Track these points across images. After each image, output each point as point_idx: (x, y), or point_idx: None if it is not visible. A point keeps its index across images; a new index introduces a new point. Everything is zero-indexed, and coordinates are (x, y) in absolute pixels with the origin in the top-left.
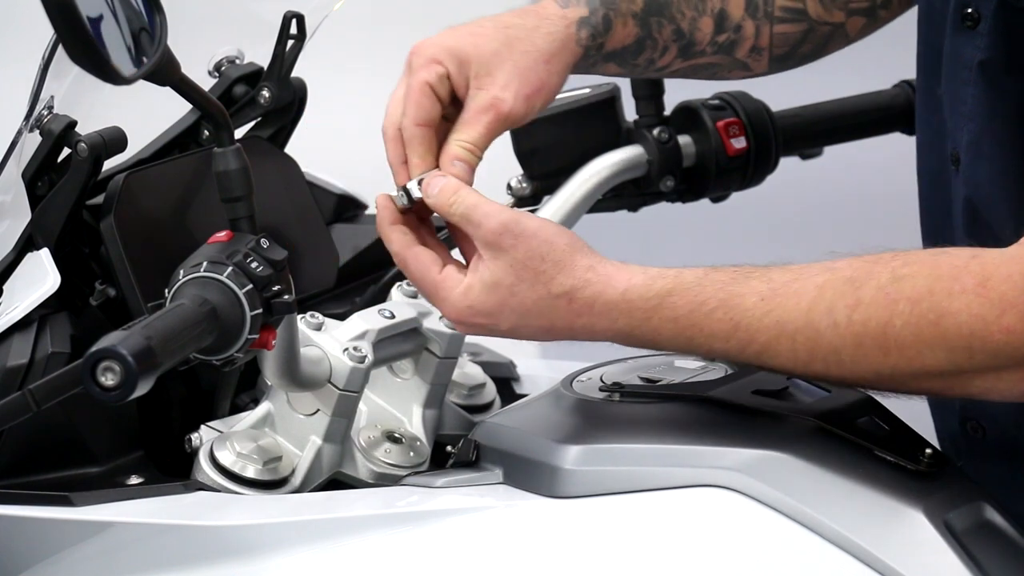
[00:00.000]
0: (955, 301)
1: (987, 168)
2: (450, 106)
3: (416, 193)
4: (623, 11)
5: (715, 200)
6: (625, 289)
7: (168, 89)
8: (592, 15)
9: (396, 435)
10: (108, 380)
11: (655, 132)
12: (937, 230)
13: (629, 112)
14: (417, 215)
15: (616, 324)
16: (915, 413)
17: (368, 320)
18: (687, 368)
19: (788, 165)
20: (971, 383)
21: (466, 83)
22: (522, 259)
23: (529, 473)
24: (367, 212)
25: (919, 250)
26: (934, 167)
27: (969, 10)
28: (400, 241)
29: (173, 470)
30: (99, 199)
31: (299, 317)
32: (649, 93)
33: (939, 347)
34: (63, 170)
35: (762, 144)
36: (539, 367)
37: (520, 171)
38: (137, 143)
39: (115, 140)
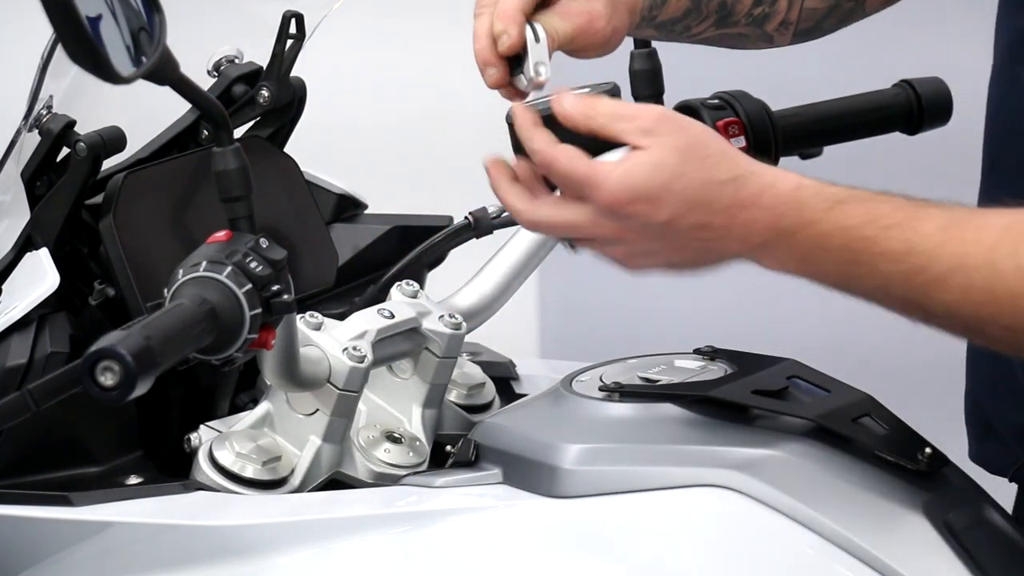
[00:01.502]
0: None
1: None
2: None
3: (542, 75)
4: None
5: None
6: (797, 186)
7: (167, 88)
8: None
9: (395, 435)
10: (107, 380)
11: None
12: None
13: None
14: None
15: (781, 221)
16: (914, 413)
17: (367, 320)
18: (687, 368)
19: (787, 165)
20: None
21: None
22: (687, 143)
23: (528, 473)
24: (367, 212)
25: None
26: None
27: None
28: (545, 139)
29: (172, 470)
30: (98, 199)
31: (298, 317)
32: (649, 92)
33: None
34: (62, 170)
35: (761, 144)
36: (538, 367)
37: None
38: (136, 143)
39: (114, 139)
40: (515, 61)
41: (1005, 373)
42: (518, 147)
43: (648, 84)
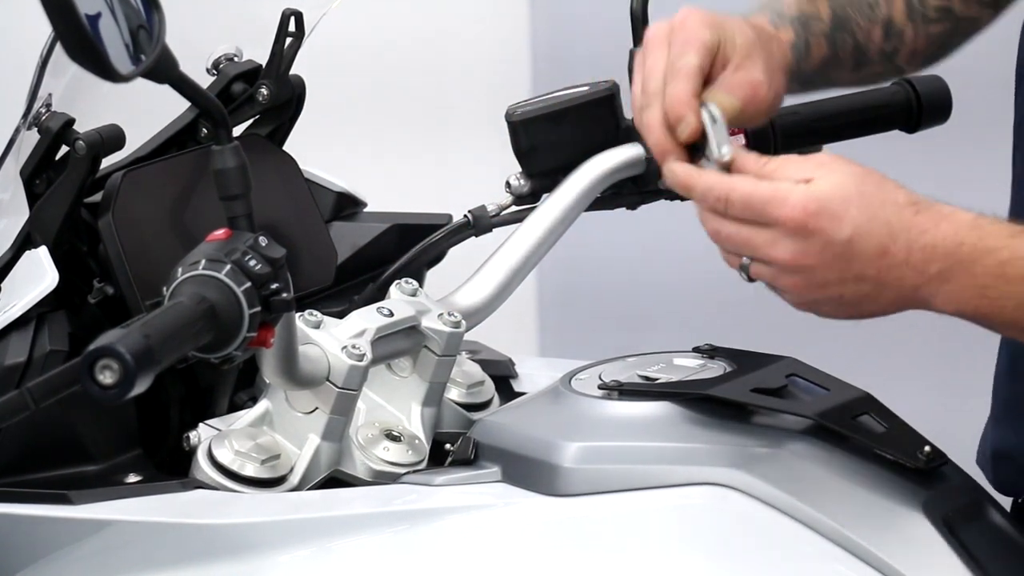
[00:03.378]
0: None
1: None
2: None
3: (727, 155)
4: (816, 32)
5: None
6: (977, 216)
7: (166, 87)
8: (797, 39)
9: (395, 433)
10: (106, 378)
11: None
12: None
13: (627, 110)
14: None
15: (962, 249)
16: (914, 411)
17: (367, 318)
18: (686, 366)
19: None
20: None
21: (724, 62)
22: (862, 170)
23: (528, 471)
24: (366, 210)
25: None
26: None
27: None
28: (713, 175)
29: (171, 468)
30: (97, 197)
31: (297, 315)
32: None
33: None
34: (61, 168)
35: (760, 141)
36: (538, 365)
37: (519, 169)
38: (135, 141)
39: (113, 138)
40: (693, 145)
41: None
42: (518, 149)
43: None
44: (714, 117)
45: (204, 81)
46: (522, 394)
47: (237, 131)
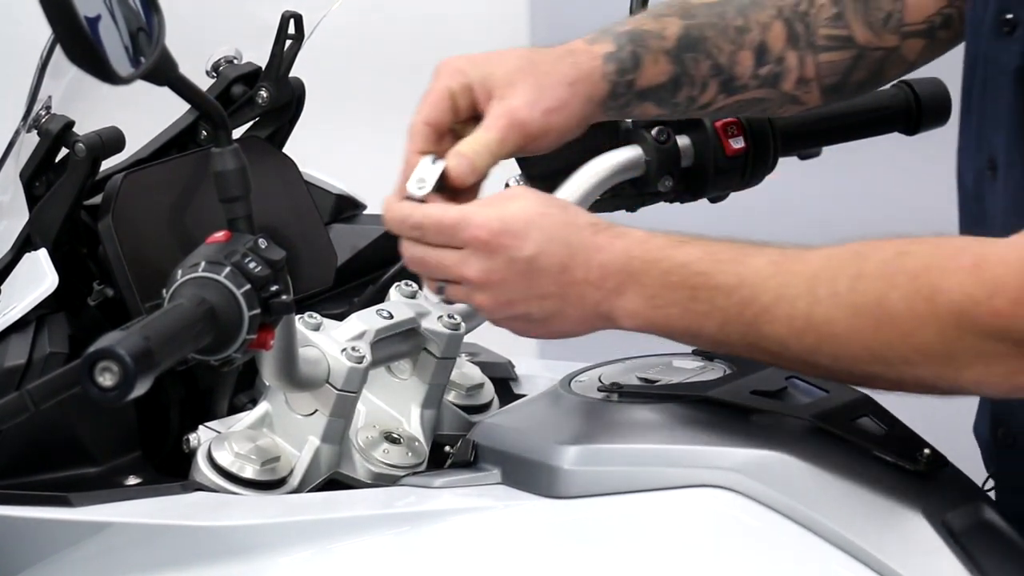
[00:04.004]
0: (950, 278)
1: (1020, 176)
2: (469, 122)
3: (415, 190)
4: (653, 48)
5: (713, 200)
6: (648, 232)
7: (166, 89)
8: (619, 50)
9: (394, 435)
10: (106, 380)
11: (653, 132)
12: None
13: None
14: None
15: (632, 263)
16: (913, 413)
17: (366, 320)
18: (685, 368)
19: (786, 164)
20: (961, 372)
21: (488, 97)
22: (545, 198)
23: (527, 473)
24: (365, 212)
25: (929, 235)
26: (972, 173)
27: (1008, 16)
28: (408, 204)
29: (171, 470)
30: (97, 199)
31: (297, 317)
32: None
33: (930, 324)
34: (61, 170)
35: (760, 144)
36: (537, 367)
37: (518, 171)
38: (135, 143)
39: (113, 140)
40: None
41: None
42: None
43: None
44: (434, 160)
45: (204, 83)
46: (522, 396)
47: (237, 133)
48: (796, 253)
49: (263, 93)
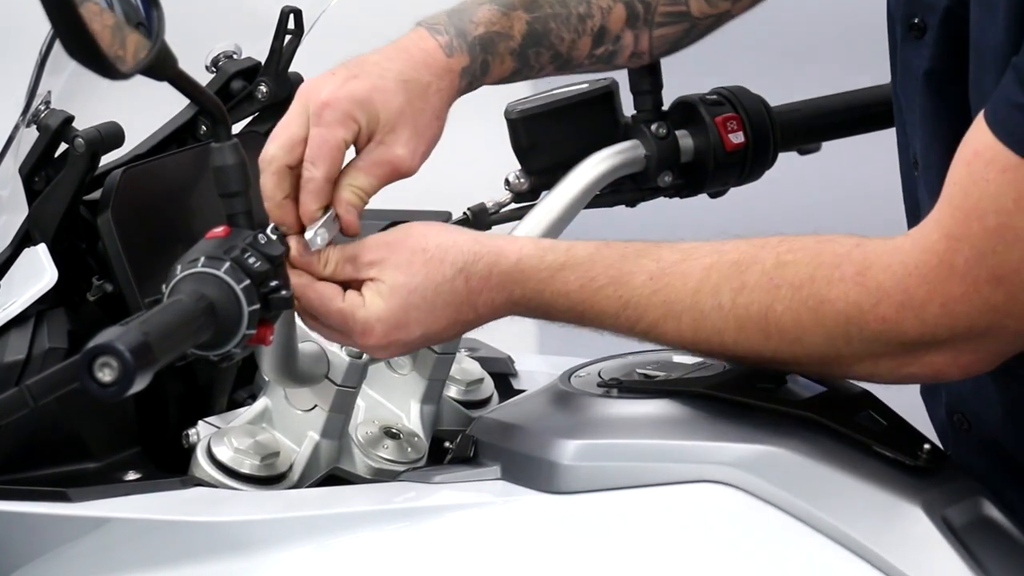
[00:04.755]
0: (834, 288)
1: (938, 176)
2: None
3: (319, 242)
4: (501, 51)
5: (713, 195)
6: (518, 259)
7: (165, 84)
8: (472, 62)
9: (394, 431)
10: (105, 376)
11: (653, 127)
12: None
13: (627, 107)
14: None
15: (513, 295)
16: (913, 408)
17: None
18: (685, 364)
19: (786, 160)
20: (851, 368)
21: (369, 138)
22: (407, 257)
23: (527, 469)
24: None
25: (805, 236)
26: (904, 169)
27: (916, 20)
28: (298, 281)
29: (170, 466)
30: (96, 194)
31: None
32: (647, 88)
33: (818, 333)
34: (60, 165)
35: (760, 139)
36: (537, 362)
37: (518, 166)
38: (134, 138)
39: (112, 135)
40: None
41: None
42: (517, 146)
43: (646, 80)
44: (327, 209)
45: (203, 78)
46: (521, 392)
47: (236, 128)
48: (674, 263)
49: (262, 88)
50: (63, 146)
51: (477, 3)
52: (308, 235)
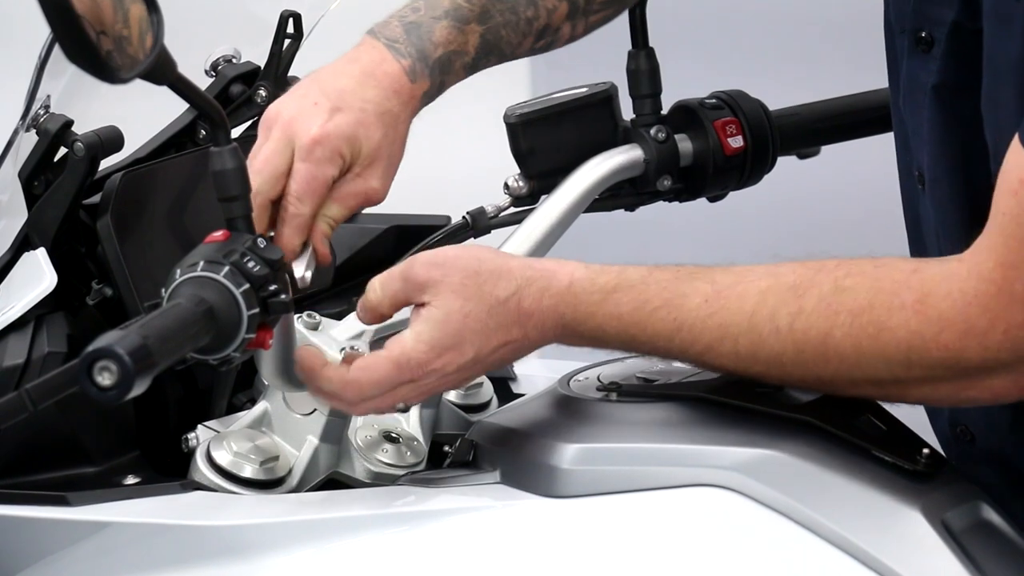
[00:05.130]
0: (894, 316)
1: (946, 191)
2: None
3: (308, 278)
4: (456, 68)
5: (712, 199)
6: (570, 283)
7: (165, 88)
8: (432, 86)
9: (393, 435)
10: (104, 380)
11: (652, 131)
12: (915, 243)
13: (626, 111)
14: None
15: (564, 318)
16: (913, 413)
17: None
18: (684, 368)
19: (785, 164)
20: (908, 392)
21: (349, 168)
22: (460, 280)
23: (526, 473)
24: (364, 211)
25: (862, 260)
26: (906, 183)
27: (923, 34)
28: (335, 374)
29: (170, 470)
30: (95, 198)
31: (296, 316)
32: (646, 92)
33: (878, 359)
34: (60, 169)
35: (759, 143)
36: (536, 366)
37: (517, 170)
38: (134, 142)
39: (111, 139)
40: None
41: None
42: (517, 150)
43: (646, 84)
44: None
45: (202, 83)
46: (520, 395)
47: (235, 132)
48: (729, 286)
49: (262, 92)
50: (62, 150)
51: (433, 18)
52: (299, 273)
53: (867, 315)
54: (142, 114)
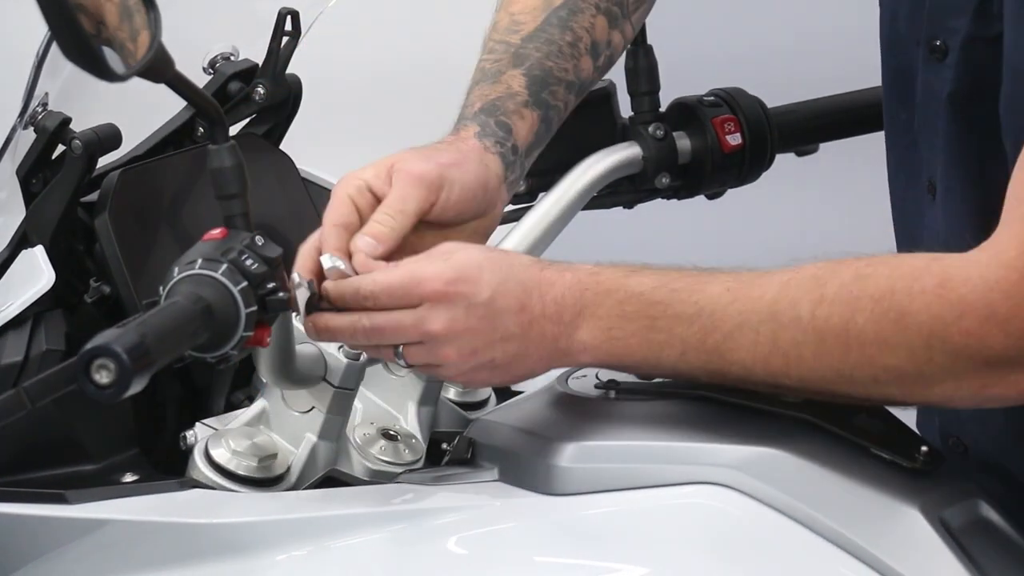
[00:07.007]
0: (915, 301)
1: (958, 199)
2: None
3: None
4: (511, 108)
5: (711, 197)
6: (595, 264)
7: (163, 86)
8: (483, 128)
9: (391, 432)
10: (102, 378)
11: (651, 129)
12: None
13: (624, 109)
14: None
15: (585, 295)
16: (911, 411)
17: None
18: None
19: (784, 161)
20: (931, 389)
21: (389, 181)
22: (485, 247)
23: (524, 470)
24: None
25: (881, 254)
26: (907, 196)
27: (937, 43)
28: (354, 280)
29: (168, 468)
30: (93, 196)
31: (294, 314)
32: (645, 89)
33: (900, 346)
34: (57, 167)
35: (758, 141)
36: None
37: None
38: (132, 140)
39: (109, 137)
40: None
41: None
42: None
43: (644, 81)
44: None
45: (200, 80)
46: (519, 393)
47: (233, 130)
48: (751, 279)
49: (260, 90)
50: (60, 148)
51: (507, 96)
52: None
53: (888, 300)
54: (141, 112)
